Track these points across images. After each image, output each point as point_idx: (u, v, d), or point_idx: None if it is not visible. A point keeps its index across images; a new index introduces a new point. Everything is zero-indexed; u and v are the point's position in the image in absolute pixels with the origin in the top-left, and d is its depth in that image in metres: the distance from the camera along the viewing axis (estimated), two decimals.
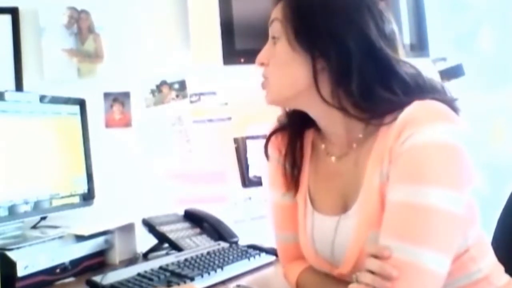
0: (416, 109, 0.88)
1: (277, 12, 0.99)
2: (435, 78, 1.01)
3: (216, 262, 1.36)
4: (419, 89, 0.94)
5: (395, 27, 0.99)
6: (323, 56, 0.94)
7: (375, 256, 0.84)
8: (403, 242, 0.83)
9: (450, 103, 0.93)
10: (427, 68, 2.05)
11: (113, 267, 1.47)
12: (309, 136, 1.10)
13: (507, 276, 1.04)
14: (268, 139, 1.12)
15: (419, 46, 2.15)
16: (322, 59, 0.94)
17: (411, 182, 0.85)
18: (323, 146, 1.07)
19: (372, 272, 0.83)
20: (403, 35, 2.16)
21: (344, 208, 1.00)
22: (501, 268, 1.05)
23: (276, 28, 0.99)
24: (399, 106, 0.91)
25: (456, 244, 0.88)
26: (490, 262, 1.01)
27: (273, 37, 1.00)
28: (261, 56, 1.02)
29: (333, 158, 1.04)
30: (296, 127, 1.09)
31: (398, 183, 0.87)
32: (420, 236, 0.83)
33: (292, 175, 1.09)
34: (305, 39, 0.95)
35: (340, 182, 1.02)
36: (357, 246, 0.95)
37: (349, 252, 0.97)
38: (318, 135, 1.08)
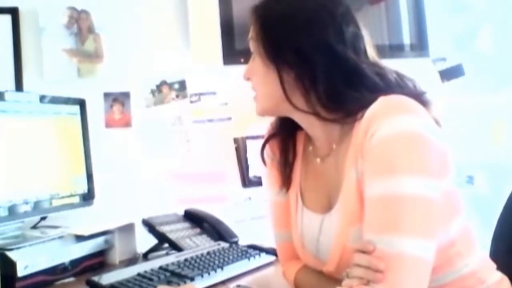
0: (379, 104, 0.92)
1: (251, 31, 1.06)
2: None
3: (216, 262, 1.36)
4: (386, 85, 0.98)
5: (359, 29, 1.03)
6: (290, 68, 1.00)
7: (362, 251, 0.86)
8: (383, 234, 0.85)
9: (418, 97, 0.95)
10: (427, 68, 2.07)
11: (113, 267, 1.47)
12: (300, 138, 1.14)
13: (499, 274, 1.05)
14: (263, 146, 1.16)
15: (419, 46, 2.15)
16: (290, 71, 1.00)
17: (381, 175, 0.88)
18: (310, 148, 1.11)
19: (361, 266, 0.85)
20: (403, 35, 2.16)
21: (328, 208, 1.03)
22: (492, 265, 1.06)
23: (252, 46, 1.07)
24: (367, 103, 0.94)
25: (437, 229, 0.88)
26: (478, 258, 1.02)
27: (252, 53, 1.07)
28: (245, 72, 1.09)
29: (318, 160, 1.08)
30: (287, 131, 1.14)
31: (371, 179, 0.90)
32: (396, 225, 0.85)
33: (285, 172, 1.13)
34: (271, 54, 1.01)
35: (324, 183, 1.06)
36: (339, 244, 0.98)
37: (332, 249, 1.00)
38: (307, 138, 1.13)
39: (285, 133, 1.14)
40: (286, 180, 1.13)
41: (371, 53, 1.04)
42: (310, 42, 0.98)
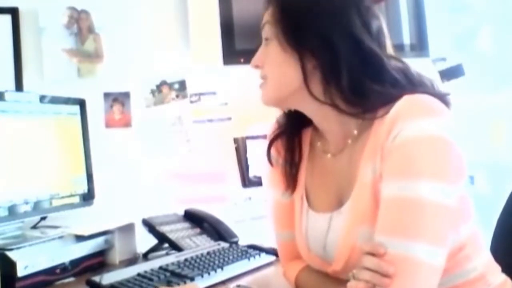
0: (405, 104, 0.90)
1: (268, 15, 1.02)
2: (430, 76, 1.02)
3: (216, 262, 1.36)
4: (408, 82, 0.96)
5: (382, 23, 1.01)
6: (312, 55, 0.96)
7: (371, 254, 0.85)
8: (395, 237, 0.84)
9: (442, 97, 0.94)
10: (427, 68, 2.07)
11: (113, 267, 1.47)
12: (307, 135, 1.12)
13: (503, 275, 1.05)
14: (270, 145, 1.13)
15: (419, 46, 2.15)
16: (312, 58, 0.96)
17: (400, 177, 0.86)
18: (319, 144, 1.08)
19: (369, 269, 0.84)
20: (403, 35, 2.16)
21: (338, 205, 1.01)
22: (497, 267, 1.05)
23: (267, 31, 1.01)
24: (391, 99, 0.92)
25: (450, 236, 0.88)
26: (485, 261, 1.02)
27: (266, 39, 1.02)
28: (255, 59, 1.05)
29: (328, 156, 1.06)
30: (293, 127, 1.11)
31: (389, 179, 0.88)
32: (411, 229, 0.84)
33: (291, 174, 1.11)
34: (294, 40, 0.97)
35: (335, 179, 1.03)
36: (348, 243, 0.96)
37: (340, 248, 0.99)
38: (315, 134, 1.10)
39: (291, 131, 1.11)
40: (291, 182, 1.11)
41: (390, 49, 1.01)
42: (337, 30, 0.95)
